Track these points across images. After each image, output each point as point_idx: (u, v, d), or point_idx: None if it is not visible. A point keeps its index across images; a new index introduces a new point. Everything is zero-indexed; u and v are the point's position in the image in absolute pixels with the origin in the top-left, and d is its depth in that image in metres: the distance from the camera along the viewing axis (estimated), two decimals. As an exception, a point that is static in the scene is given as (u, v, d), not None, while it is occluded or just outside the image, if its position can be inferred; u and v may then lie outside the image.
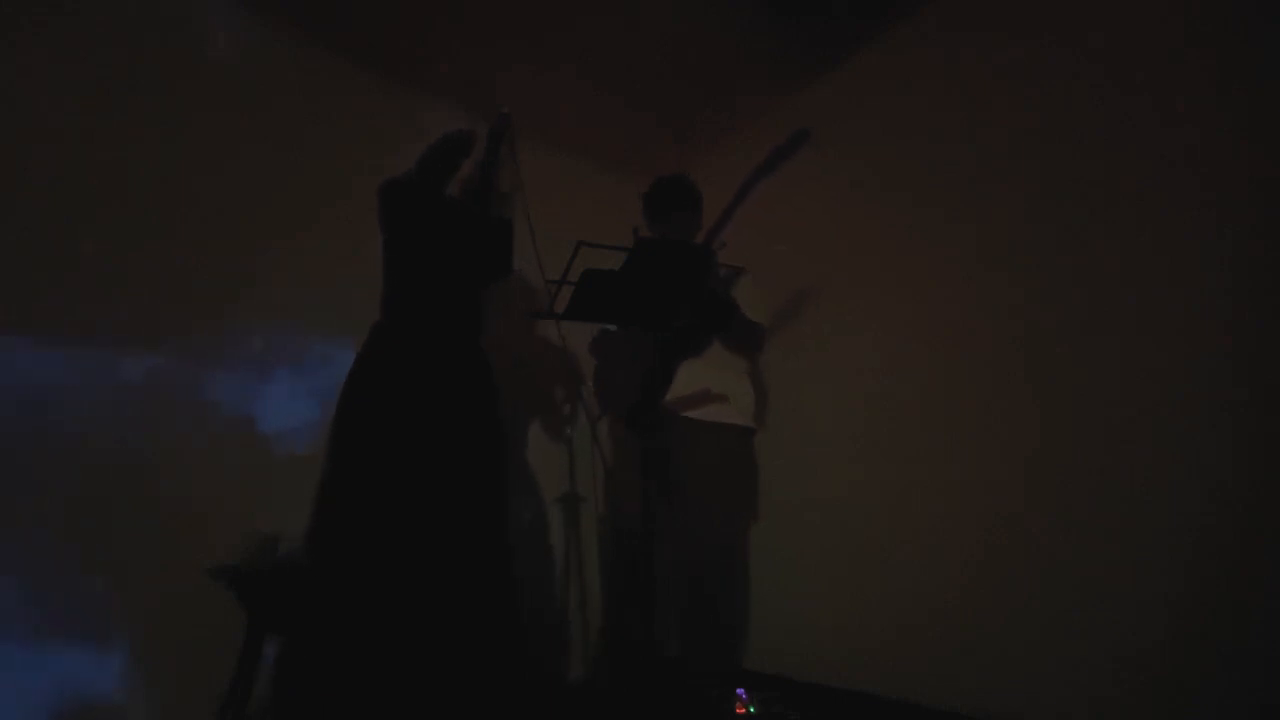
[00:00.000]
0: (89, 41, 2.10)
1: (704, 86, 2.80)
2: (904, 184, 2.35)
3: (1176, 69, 1.76)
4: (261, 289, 2.28)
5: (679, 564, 2.24)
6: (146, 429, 2.03)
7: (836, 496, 2.37)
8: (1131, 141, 1.82)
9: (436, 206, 2.05)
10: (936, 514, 2.09)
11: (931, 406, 2.17)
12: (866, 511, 2.28)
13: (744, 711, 1.85)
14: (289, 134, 2.40)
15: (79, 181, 2.03)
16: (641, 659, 2.03)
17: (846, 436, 2.41)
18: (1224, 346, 1.61)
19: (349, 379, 1.92)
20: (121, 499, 1.94)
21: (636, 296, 1.85)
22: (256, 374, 2.26)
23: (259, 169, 2.31)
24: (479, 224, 2.09)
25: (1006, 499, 1.93)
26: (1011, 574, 1.88)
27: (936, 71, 2.32)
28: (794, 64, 2.67)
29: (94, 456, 1.95)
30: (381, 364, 1.92)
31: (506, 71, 2.62)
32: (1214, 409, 1.60)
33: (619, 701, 2.11)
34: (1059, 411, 1.87)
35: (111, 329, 2.04)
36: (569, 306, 1.82)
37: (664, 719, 1.92)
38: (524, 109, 2.12)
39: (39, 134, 2.00)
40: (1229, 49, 1.68)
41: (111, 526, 1.92)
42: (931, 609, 2.02)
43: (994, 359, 2.04)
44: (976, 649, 1.89)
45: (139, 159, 2.12)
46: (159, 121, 2.17)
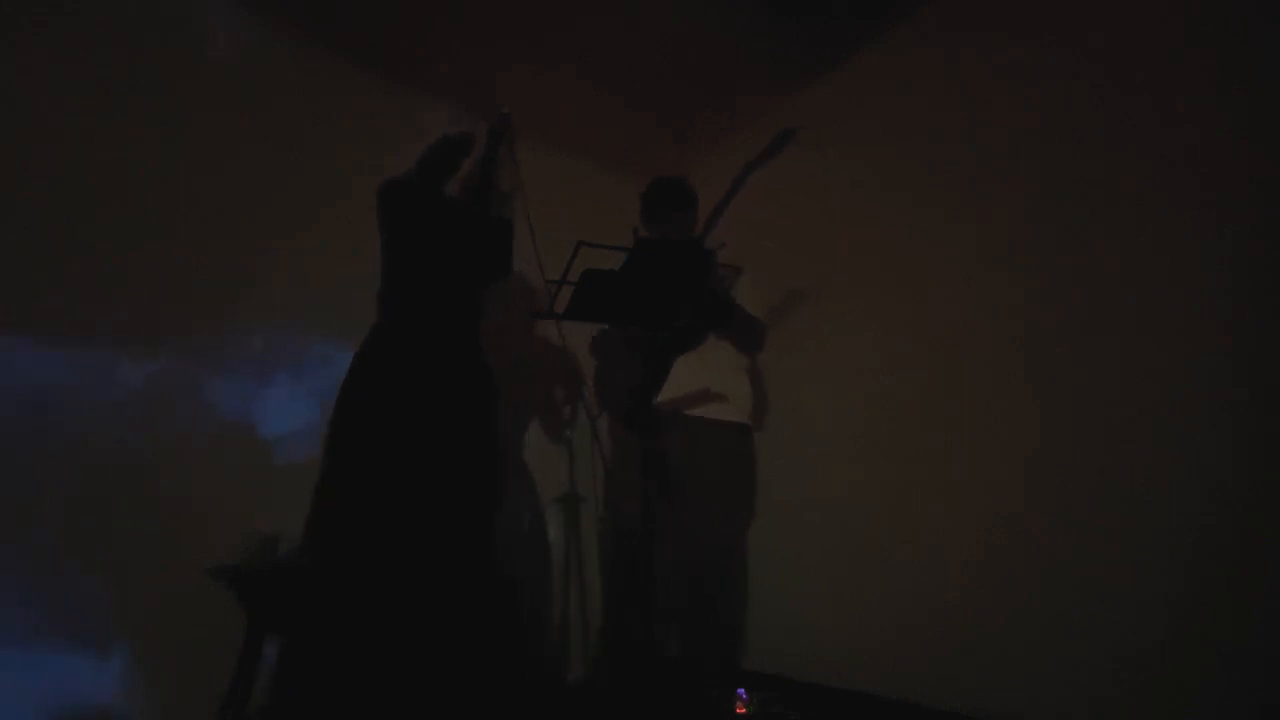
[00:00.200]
0: (89, 41, 2.10)
1: (704, 86, 2.80)
2: (904, 184, 2.35)
3: (1176, 69, 1.76)
4: (261, 289, 2.28)
5: (679, 564, 2.24)
6: (146, 429, 2.03)
7: (836, 496, 2.37)
8: (1131, 141, 1.82)
9: (436, 206, 2.05)
10: (936, 514, 2.09)
11: (931, 406, 2.17)
12: (866, 511, 2.28)
13: (744, 711, 1.85)
14: (289, 134, 2.41)
15: (79, 181, 2.03)
16: (641, 659, 2.03)
17: (846, 436, 2.41)
18: (1224, 346, 1.61)
19: (347, 378, 1.92)
20: (121, 499, 1.94)
21: (636, 296, 1.85)
22: (256, 374, 2.26)
23: (259, 169, 2.32)
24: (479, 224, 2.10)
25: (1006, 499, 1.93)
26: (1011, 574, 1.88)
27: (936, 71, 2.32)
28: (794, 64, 2.67)
29: (94, 456, 1.95)
30: (380, 364, 1.92)
31: (506, 71, 2.62)
32: (1214, 409, 1.60)
33: (619, 701, 2.11)
34: (1059, 411, 1.87)
35: (111, 329, 2.04)
36: (569, 306, 1.82)
37: (664, 719, 1.92)
38: (524, 109, 2.12)
39: (39, 134, 2.00)
40: (1229, 49, 1.68)
41: (111, 526, 1.93)
42: (931, 609, 2.02)
43: (994, 359, 2.04)
44: (976, 649, 1.89)
45: (139, 159, 2.12)
46: (159, 121, 2.17)
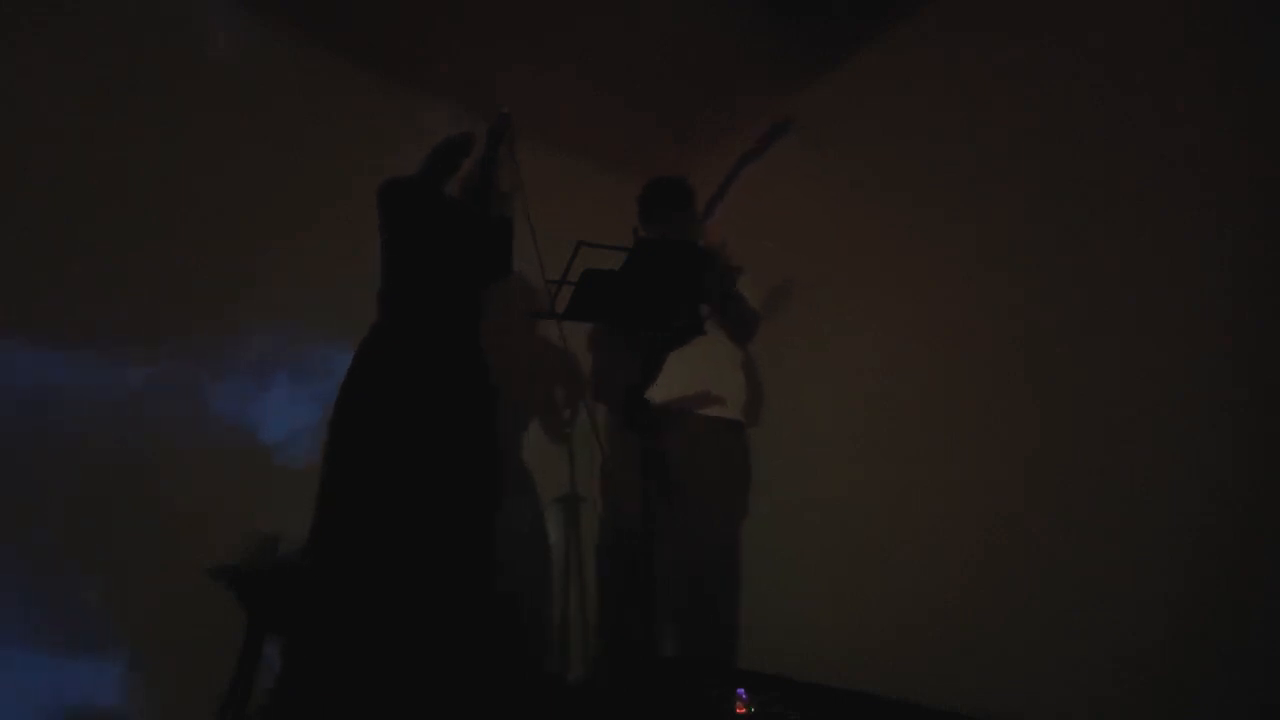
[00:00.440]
0: (89, 41, 2.10)
1: (704, 86, 2.79)
2: (904, 184, 2.35)
3: (1176, 69, 1.76)
4: (261, 289, 2.28)
5: (679, 564, 2.24)
6: (146, 429, 2.03)
7: (836, 496, 2.37)
8: (1131, 141, 1.82)
9: (437, 206, 2.05)
10: (936, 514, 2.09)
11: (931, 406, 2.17)
12: (866, 511, 2.28)
13: (744, 711, 1.85)
14: (289, 134, 2.41)
15: (79, 181, 2.03)
16: (641, 659, 2.03)
17: (846, 436, 2.41)
18: (1224, 346, 1.61)
19: (348, 378, 1.92)
20: (121, 499, 1.94)
21: (636, 296, 1.85)
22: (256, 374, 2.26)
23: (259, 169, 2.32)
24: (479, 224, 2.09)
25: (1006, 499, 1.93)
26: (1011, 574, 1.88)
27: (936, 71, 2.32)
28: (794, 64, 2.67)
29: (94, 457, 1.95)
30: (380, 364, 1.91)
31: (506, 71, 2.62)
32: (1214, 409, 1.60)
33: (619, 701, 2.11)
34: (1059, 411, 1.87)
35: (111, 329, 2.04)
36: (569, 306, 1.82)
37: (664, 719, 1.91)
38: (524, 109, 2.12)
39: (39, 134, 2.00)
40: (1229, 49, 1.68)
41: (111, 527, 1.93)
42: (931, 609, 2.02)
43: (994, 359, 2.04)
44: (976, 649, 1.89)
45: (139, 159, 2.12)
46: (159, 121, 2.17)
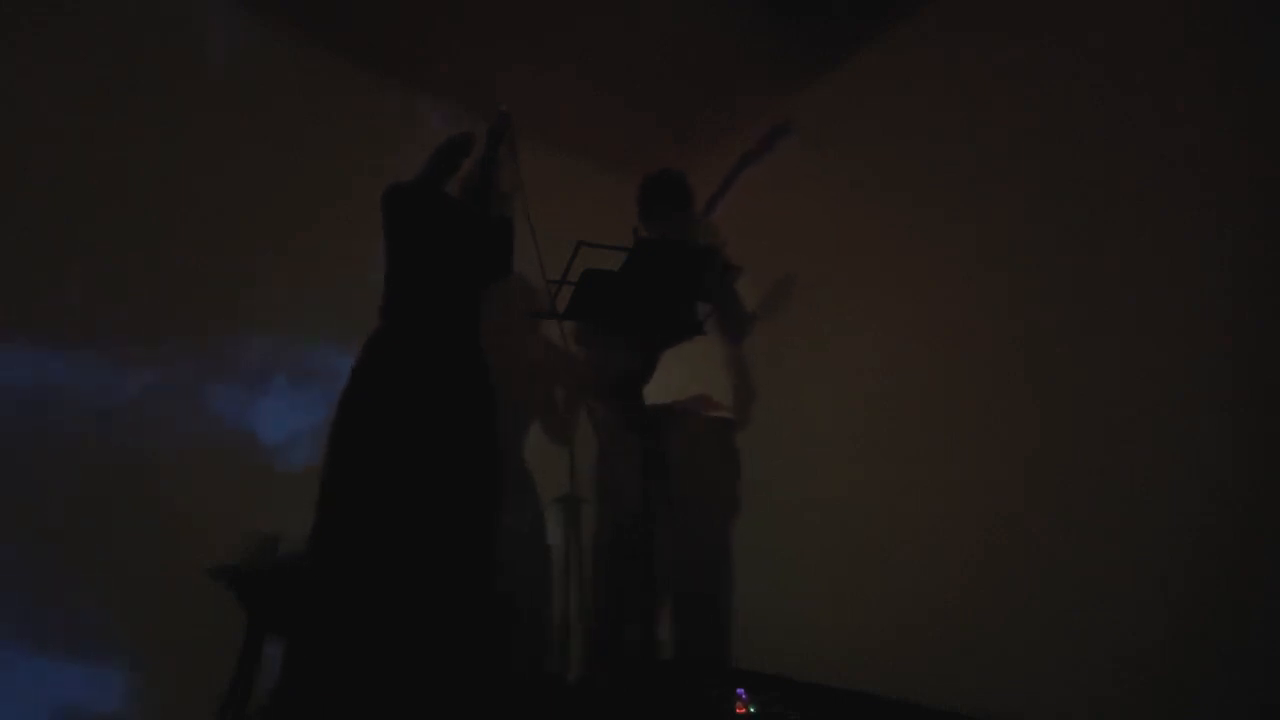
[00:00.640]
0: (89, 41, 2.10)
1: (704, 86, 2.80)
2: (904, 184, 2.35)
3: (1176, 69, 1.76)
4: (262, 289, 2.28)
5: (678, 565, 2.24)
6: (147, 429, 2.03)
7: (836, 496, 2.37)
8: (1131, 141, 1.82)
9: (438, 207, 2.05)
10: (936, 514, 2.08)
11: (931, 406, 2.17)
12: (866, 511, 2.28)
13: (744, 711, 1.85)
14: (289, 134, 2.41)
15: (79, 181, 2.03)
16: (641, 659, 2.03)
17: (846, 436, 2.41)
18: (1224, 346, 1.61)
19: (351, 381, 1.91)
20: (121, 500, 1.95)
21: (636, 296, 1.85)
22: (256, 374, 2.26)
23: (259, 169, 2.32)
24: (480, 223, 2.09)
25: (1006, 499, 1.93)
26: (1011, 574, 1.88)
27: (936, 71, 2.32)
28: (794, 64, 2.67)
29: (94, 457, 1.95)
30: (383, 367, 1.91)
31: (506, 71, 2.62)
32: (1214, 409, 1.60)
33: (619, 701, 2.11)
34: (1059, 411, 1.87)
35: (111, 329, 2.04)
36: (569, 306, 1.82)
37: (664, 719, 1.91)
38: (524, 109, 2.12)
39: (39, 134, 2.00)
40: (1229, 49, 1.68)
41: (111, 527, 1.93)
42: (931, 609, 2.02)
43: (994, 359, 2.04)
44: (976, 649, 1.89)
45: (139, 159, 2.13)
46: (159, 121, 2.18)
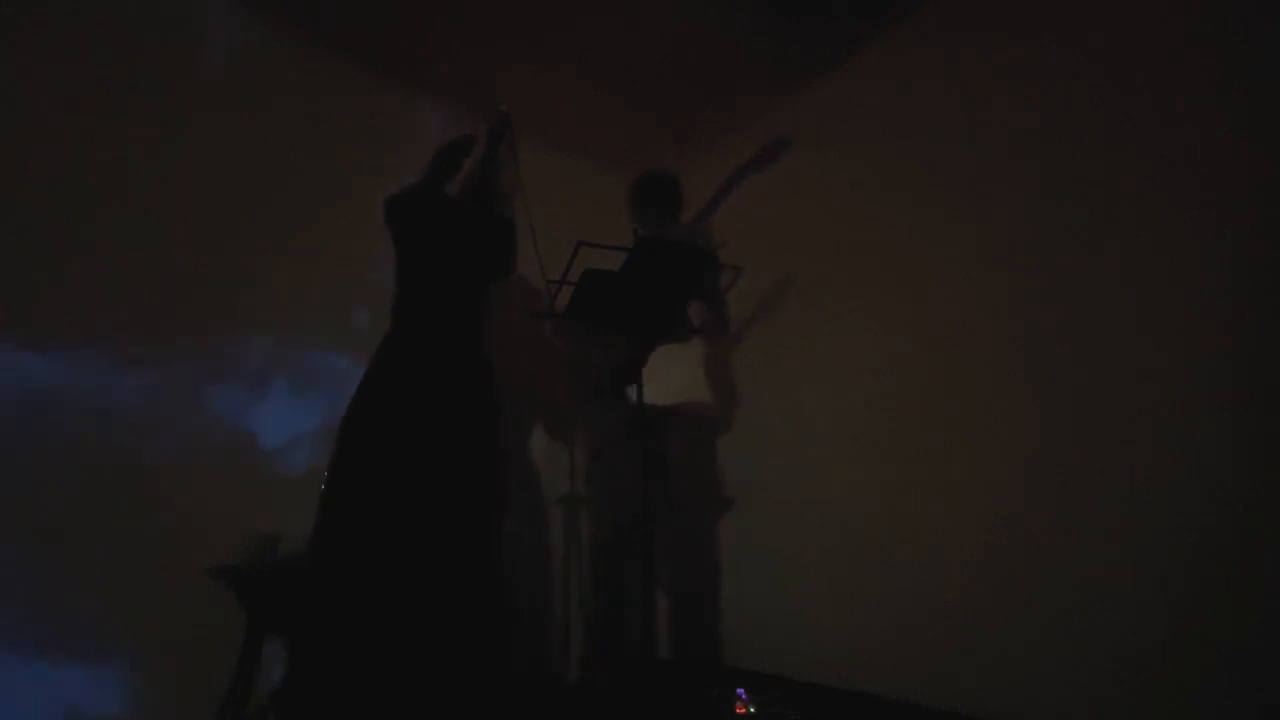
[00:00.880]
0: (89, 41, 2.10)
1: (704, 86, 2.80)
2: (904, 184, 2.35)
3: (1176, 69, 1.76)
4: (262, 289, 2.28)
5: (678, 565, 2.24)
6: (147, 429, 2.03)
7: (836, 496, 2.37)
8: (1131, 141, 1.82)
9: (440, 208, 2.05)
10: (936, 514, 2.09)
11: (931, 406, 2.17)
12: (866, 511, 2.28)
13: (744, 711, 1.85)
14: (289, 134, 2.41)
15: (79, 181, 2.03)
16: (640, 659, 2.03)
17: (846, 436, 2.41)
18: (1224, 346, 1.61)
19: (361, 386, 1.88)
20: (121, 500, 1.95)
21: (636, 296, 1.85)
22: (256, 375, 2.26)
23: (259, 169, 2.32)
24: (482, 223, 2.09)
25: (1006, 499, 1.93)
26: (1011, 574, 1.88)
27: (936, 71, 2.32)
28: (794, 64, 2.67)
29: (94, 457, 1.95)
30: (391, 371, 1.89)
31: (506, 71, 2.62)
32: (1214, 409, 1.60)
33: (618, 702, 2.11)
34: (1059, 411, 1.87)
35: (111, 330, 2.04)
36: (569, 306, 1.82)
37: (664, 719, 1.92)
38: (524, 109, 2.11)
39: (39, 134, 2.00)
40: (1229, 49, 1.68)
41: (111, 528, 1.93)
42: (931, 609, 2.02)
43: (994, 359, 2.04)
44: (976, 649, 1.89)
45: (139, 159, 2.13)
46: (159, 121, 2.18)
